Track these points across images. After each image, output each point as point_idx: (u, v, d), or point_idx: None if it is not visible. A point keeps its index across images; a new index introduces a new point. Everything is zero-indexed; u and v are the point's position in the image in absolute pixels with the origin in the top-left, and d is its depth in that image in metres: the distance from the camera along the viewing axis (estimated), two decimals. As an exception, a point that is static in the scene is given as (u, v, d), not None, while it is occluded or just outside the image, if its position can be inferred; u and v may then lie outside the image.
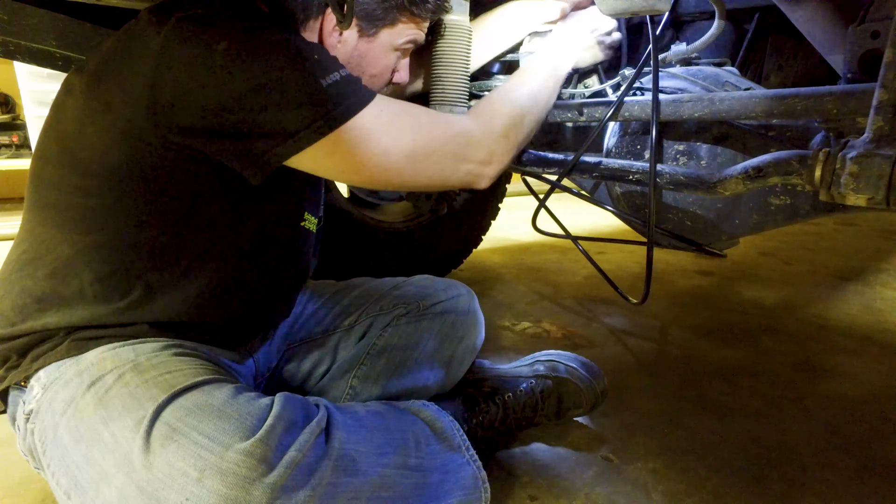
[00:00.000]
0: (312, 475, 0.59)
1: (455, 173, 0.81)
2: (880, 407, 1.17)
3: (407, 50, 0.88)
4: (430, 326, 1.01)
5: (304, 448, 0.60)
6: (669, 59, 0.97)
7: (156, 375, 0.65)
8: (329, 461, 0.62)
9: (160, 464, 0.57)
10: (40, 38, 0.99)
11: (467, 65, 1.03)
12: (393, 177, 0.76)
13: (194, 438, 0.58)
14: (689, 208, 0.96)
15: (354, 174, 0.75)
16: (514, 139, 0.87)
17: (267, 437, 0.58)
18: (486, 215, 1.95)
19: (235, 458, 0.56)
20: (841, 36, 0.77)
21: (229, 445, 0.57)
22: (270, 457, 0.57)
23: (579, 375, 1.05)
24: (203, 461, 0.57)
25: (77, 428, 0.63)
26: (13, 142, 3.68)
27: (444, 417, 0.80)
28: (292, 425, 0.62)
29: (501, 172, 0.88)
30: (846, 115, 0.67)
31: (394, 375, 0.96)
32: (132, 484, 0.58)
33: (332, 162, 0.71)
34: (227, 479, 0.56)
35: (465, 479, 0.74)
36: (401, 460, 0.69)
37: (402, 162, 0.75)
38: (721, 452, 1.01)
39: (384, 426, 0.72)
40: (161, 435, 0.59)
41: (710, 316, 1.70)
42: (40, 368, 0.69)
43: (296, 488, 0.57)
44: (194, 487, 0.56)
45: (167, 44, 0.65)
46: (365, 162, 0.72)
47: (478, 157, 0.83)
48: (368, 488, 0.64)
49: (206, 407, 0.61)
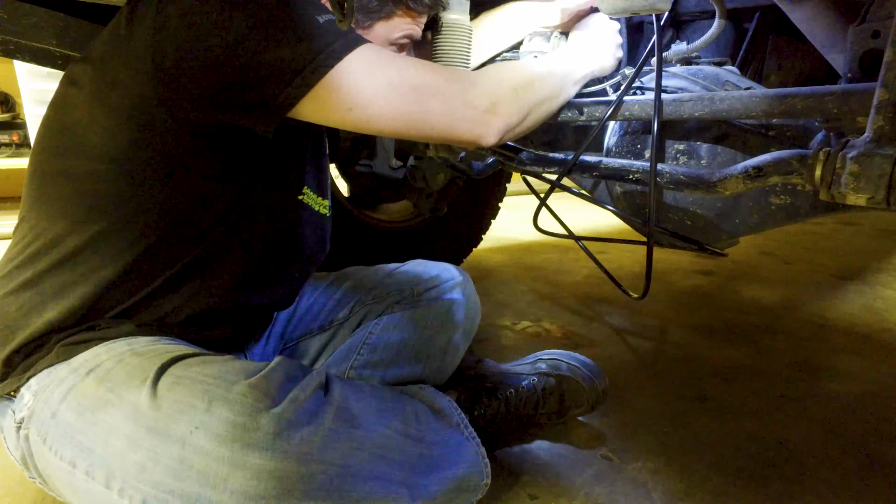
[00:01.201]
0: (314, 417, 0.62)
1: (460, 120, 0.76)
2: (880, 406, 1.17)
3: (403, 45, 0.88)
4: (425, 313, 1.01)
5: (306, 391, 0.63)
6: (670, 58, 0.97)
7: (155, 354, 0.67)
8: (330, 408, 0.64)
9: (168, 403, 0.60)
10: (40, 37, 0.99)
11: (467, 64, 1.03)
12: (399, 115, 0.72)
13: (200, 379, 0.61)
14: (689, 208, 0.96)
15: (362, 111, 0.70)
16: (524, 98, 0.82)
17: (269, 376, 0.62)
18: (485, 214, 1.95)
19: (242, 390, 0.59)
20: (841, 35, 0.77)
21: (235, 381, 0.60)
22: (274, 393, 0.60)
23: (581, 374, 1.05)
24: (210, 394, 0.59)
25: (80, 404, 0.64)
26: (13, 141, 3.69)
27: (441, 398, 0.80)
28: (292, 377, 0.65)
29: (511, 133, 0.82)
30: (846, 115, 0.67)
31: (391, 364, 0.96)
32: (141, 427, 0.59)
33: (338, 99, 0.68)
34: (235, 408, 0.58)
35: (467, 453, 0.75)
36: (402, 427, 0.70)
37: (410, 96, 0.72)
38: (721, 451, 1.01)
39: (381, 397, 0.73)
40: (168, 383, 0.62)
41: (710, 315, 1.70)
42: (32, 377, 0.69)
43: (300, 424, 0.60)
44: (203, 416, 0.58)
45: (162, 5, 0.64)
46: (371, 97, 0.70)
47: (482, 104, 0.77)
48: (371, 444, 0.65)
49: (209, 361, 0.65)
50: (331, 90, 0.67)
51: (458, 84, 0.76)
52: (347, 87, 0.68)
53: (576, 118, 0.98)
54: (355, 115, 0.70)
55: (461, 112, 0.76)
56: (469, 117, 0.76)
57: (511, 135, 0.82)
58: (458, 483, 0.71)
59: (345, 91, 0.68)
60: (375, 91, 0.69)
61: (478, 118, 0.77)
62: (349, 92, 0.68)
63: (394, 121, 0.72)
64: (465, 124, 0.76)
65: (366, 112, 0.70)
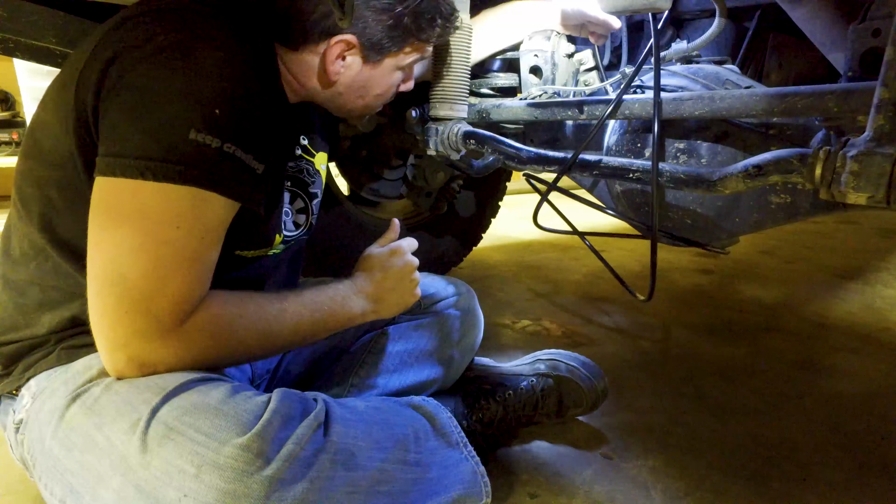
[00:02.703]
0: (310, 468, 0.59)
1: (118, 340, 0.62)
2: (880, 405, 1.17)
3: (410, 71, 0.86)
4: (430, 325, 1.01)
5: (302, 441, 0.60)
6: (670, 56, 0.97)
7: (145, 380, 0.63)
8: (327, 455, 0.61)
9: (157, 462, 0.57)
10: (39, 35, 0.99)
11: (468, 62, 1.02)
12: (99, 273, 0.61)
13: (191, 436, 0.58)
14: (689, 206, 0.96)
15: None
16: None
17: (263, 431, 0.58)
18: (486, 213, 1.95)
19: (232, 453, 0.56)
20: (842, 34, 0.77)
21: (226, 441, 0.57)
22: (267, 450, 0.57)
23: (580, 374, 1.05)
24: (200, 457, 0.56)
25: (68, 437, 0.62)
26: (13, 139, 3.68)
27: (442, 413, 0.80)
28: (290, 420, 0.61)
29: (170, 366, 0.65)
30: (847, 114, 0.67)
31: (394, 374, 0.96)
32: (130, 484, 0.57)
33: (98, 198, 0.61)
34: (225, 474, 0.55)
35: (464, 473, 0.74)
36: (400, 455, 0.69)
37: (114, 276, 0.60)
38: (720, 450, 1.01)
39: (383, 420, 0.72)
40: (158, 434, 0.58)
41: (710, 314, 1.70)
42: (31, 378, 0.69)
43: (293, 481, 0.57)
44: (192, 483, 0.55)
45: (111, 24, 0.63)
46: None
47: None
48: (367, 482, 0.64)
49: (202, 406, 0.60)
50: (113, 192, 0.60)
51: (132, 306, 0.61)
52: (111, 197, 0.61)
53: (576, 116, 0.98)
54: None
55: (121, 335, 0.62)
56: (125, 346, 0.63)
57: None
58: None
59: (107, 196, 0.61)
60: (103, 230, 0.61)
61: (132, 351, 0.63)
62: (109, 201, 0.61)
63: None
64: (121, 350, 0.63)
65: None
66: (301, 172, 0.89)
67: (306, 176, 0.90)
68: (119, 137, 0.59)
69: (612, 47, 1.22)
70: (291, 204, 0.87)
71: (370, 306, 0.83)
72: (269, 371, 0.95)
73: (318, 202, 0.93)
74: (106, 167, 0.59)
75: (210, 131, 0.60)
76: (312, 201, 0.91)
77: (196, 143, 0.59)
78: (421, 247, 0.95)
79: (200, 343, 0.64)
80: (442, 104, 1.05)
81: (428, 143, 1.10)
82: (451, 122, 1.06)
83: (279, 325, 0.71)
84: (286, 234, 0.85)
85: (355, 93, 0.81)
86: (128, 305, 0.60)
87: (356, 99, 0.82)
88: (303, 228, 0.89)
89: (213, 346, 0.65)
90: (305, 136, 0.90)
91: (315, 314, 0.76)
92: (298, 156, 0.89)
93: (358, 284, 0.84)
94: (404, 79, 0.86)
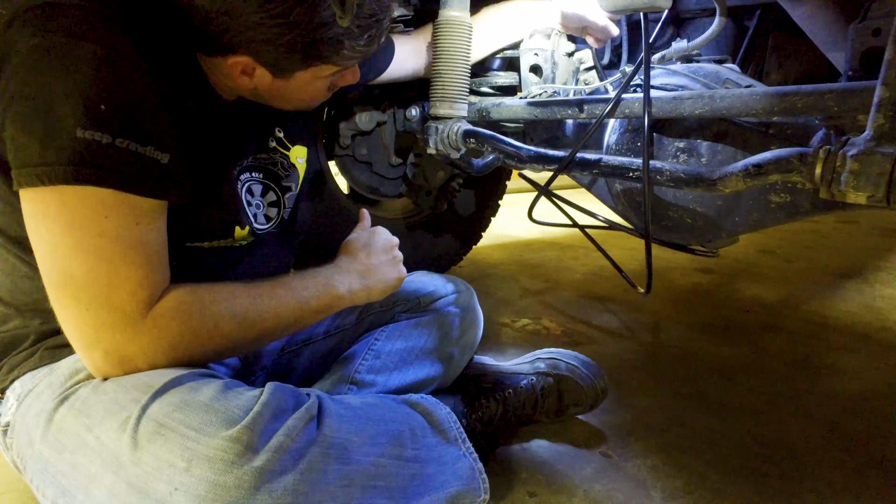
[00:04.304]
0: (301, 460, 0.59)
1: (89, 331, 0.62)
2: (879, 404, 1.17)
3: (335, 83, 0.80)
4: (430, 323, 1.01)
5: (293, 433, 0.60)
6: (670, 55, 0.97)
7: (132, 379, 0.63)
8: (319, 447, 0.61)
9: (148, 458, 0.57)
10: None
11: (468, 61, 1.02)
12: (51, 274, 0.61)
13: (181, 431, 0.58)
14: (689, 206, 0.96)
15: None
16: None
17: (253, 423, 0.58)
18: (486, 212, 1.95)
19: (221, 445, 0.56)
20: (842, 33, 0.77)
21: (215, 434, 0.57)
22: (256, 442, 0.57)
23: (580, 373, 1.05)
24: (190, 451, 0.56)
25: (58, 439, 0.62)
26: None
27: (440, 410, 0.80)
28: (281, 412, 0.61)
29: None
30: (847, 113, 0.67)
31: (393, 371, 0.96)
32: (121, 481, 0.57)
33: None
34: (215, 466, 0.55)
35: (462, 470, 0.74)
36: (396, 451, 0.69)
37: (61, 276, 0.60)
38: (720, 449, 1.01)
39: (379, 417, 0.72)
40: (148, 431, 0.58)
41: (710, 313, 1.70)
42: (16, 379, 0.69)
43: (284, 472, 0.57)
44: (183, 477, 0.56)
45: (4, 21, 0.60)
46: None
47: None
48: (362, 477, 0.63)
49: (192, 402, 0.60)
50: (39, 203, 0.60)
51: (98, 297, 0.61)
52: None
53: (576, 115, 0.98)
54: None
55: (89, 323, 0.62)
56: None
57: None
58: (452, 502, 0.70)
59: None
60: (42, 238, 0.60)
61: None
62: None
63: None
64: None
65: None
66: (275, 165, 0.88)
67: (280, 169, 0.88)
68: (20, 148, 0.59)
69: (613, 46, 1.22)
70: (263, 196, 0.86)
71: (356, 283, 0.82)
72: (264, 368, 0.95)
73: (293, 196, 0.91)
74: (18, 179, 0.59)
75: (98, 127, 0.58)
76: (286, 195, 0.89)
77: (85, 141, 0.58)
78: (421, 245, 0.95)
79: (173, 328, 0.64)
80: (442, 103, 1.05)
81: (428, 141, 1.10)
82: (451, 121, 1.06)
83: (257, 310, 0.70)
84: (257, 226, 0.84)
85: (279, 98, 0.78)
86: (87, 302, 0.60)
87: (284, 103, 0.79)
88: (274, 221, 0.88)
89: (188, 331, 0.65)
90: (281, 129, 0.89)
91: (296, 296, 0.75)
92: (272, 148, 0.87)
93: (341, 264, 0.83)
94: (338, 80, 0.80)
